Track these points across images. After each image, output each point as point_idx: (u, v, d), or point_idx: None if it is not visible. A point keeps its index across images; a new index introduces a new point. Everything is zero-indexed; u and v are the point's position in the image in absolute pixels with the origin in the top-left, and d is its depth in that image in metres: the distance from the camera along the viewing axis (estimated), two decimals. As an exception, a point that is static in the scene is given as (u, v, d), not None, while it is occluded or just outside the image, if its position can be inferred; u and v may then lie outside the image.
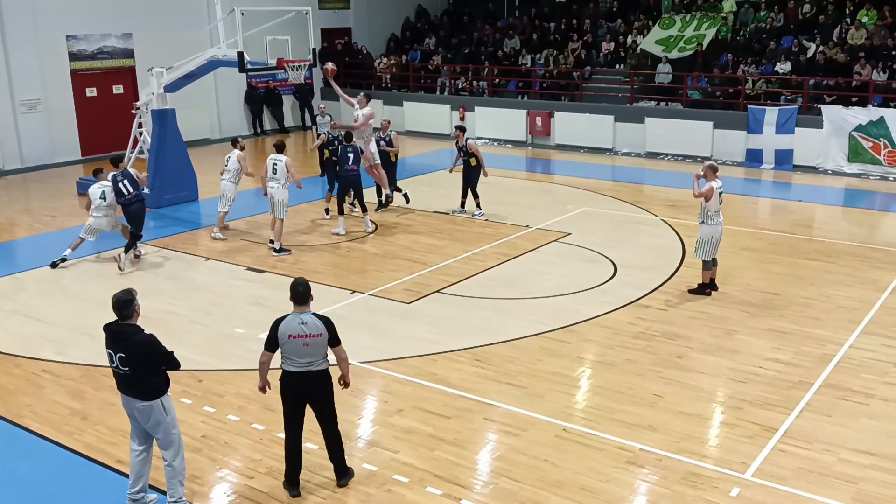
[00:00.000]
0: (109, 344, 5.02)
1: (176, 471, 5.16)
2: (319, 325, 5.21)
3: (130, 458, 5.22)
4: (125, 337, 4.96)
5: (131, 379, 4.99)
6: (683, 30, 18.98)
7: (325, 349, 5.27)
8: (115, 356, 4.97)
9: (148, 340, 4.98)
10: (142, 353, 4.95)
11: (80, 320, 8.64)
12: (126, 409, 5.15)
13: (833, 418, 6.35)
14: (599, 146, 18.47)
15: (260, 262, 10.50)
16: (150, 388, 5.02)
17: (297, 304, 5.27)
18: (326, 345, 5.25)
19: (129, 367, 4.94)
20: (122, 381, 5.05)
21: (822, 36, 17.49)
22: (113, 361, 5.00)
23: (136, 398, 5.02)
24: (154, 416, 5.04)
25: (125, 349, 4.93)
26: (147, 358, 4.97)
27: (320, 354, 5.25)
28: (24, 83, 16.73)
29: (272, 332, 5.26)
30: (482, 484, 5.57)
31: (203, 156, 17.54)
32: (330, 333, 5.23)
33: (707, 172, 8.89)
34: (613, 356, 7.54)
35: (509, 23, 22.95)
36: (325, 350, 5.27)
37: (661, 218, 12.55)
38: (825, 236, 11.59)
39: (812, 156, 16.09)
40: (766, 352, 7.59)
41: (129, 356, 4.93)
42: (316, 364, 5.24)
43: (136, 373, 4.96)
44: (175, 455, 5.16)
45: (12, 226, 12.91)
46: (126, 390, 5.05)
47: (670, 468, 5.69)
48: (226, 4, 13.47)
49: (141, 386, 4.99)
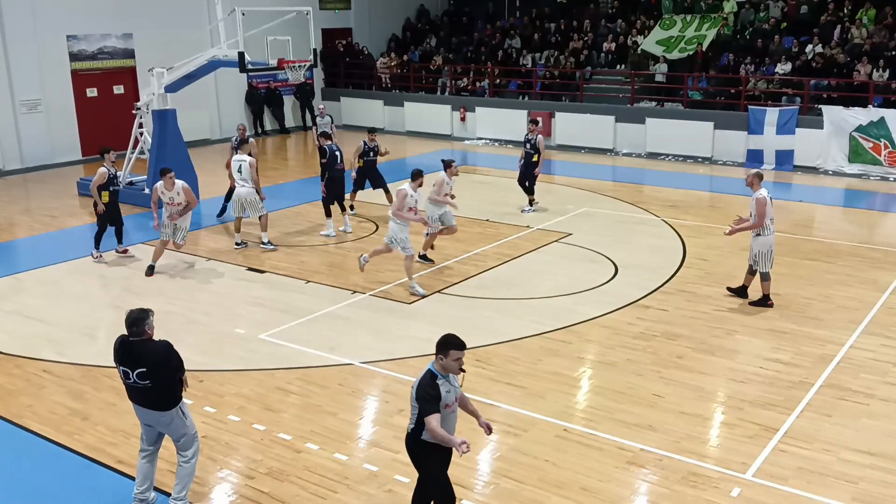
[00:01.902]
0: (125, 361, 4.91)
1: (190, 470, 5.17)
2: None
3: (139, 459, 5.21)
4: (142, 351, 4.88)
5: (152, 392, 4.92)
6: (684, 30, 18.99)
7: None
8: (133, 373, 4.87)
9: (166, 347, 4.94)
10: (162, 361, 4.88)
11: (80, 320, 8.64)
12: (142, 418, 5.12)
13: (833, 418, 6.35)
14: (600, 146, 18.47)
15: (260, 263, 10.50)
16: (170, 397, 4.99)
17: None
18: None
19: (149, 380, 4.88)
20: (140, 395, 4.98)
21: (823, 36, 17.50)
22: (130, 378, 4.91)
23: (157, 409, 4.99)
24: (174, 423, 5.04)
25: (145, 363, 4.85)
26: (168, 365, 4.91)
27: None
28: (24, 83, 16.73)
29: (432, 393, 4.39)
30: (483, 484, 5.57)
31: (203, 156, 17.52)
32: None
33: (753, 181, 8.44)
34: (614, 356, 7.54)
35: (510, 23, 22.97)
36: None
37: (662, 218, 12.55)
38: (825, 236, 11.59)
39: (812, 156, 16.09)
40: (767, 352, 7.59)
41: (150, 370, 4.85)
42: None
43: (157, 384, 4.90)
44: (193, 455, 5.18)
45: (12, 226, 12.91)
46: (146, 404, 5.00)
47: (671, 468, 5.69)
48: (226, 5, 13.48)
49: (161, 396, 4.96)
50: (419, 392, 4.37)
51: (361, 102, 22.08)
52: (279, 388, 6.98)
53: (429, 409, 4.29)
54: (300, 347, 7.83)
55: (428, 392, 4.33)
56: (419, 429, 4.39)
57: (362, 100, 22.09)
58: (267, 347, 7.86)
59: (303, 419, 6.45)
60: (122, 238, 10.95)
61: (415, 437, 4.46)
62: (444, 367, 4.41)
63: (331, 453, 5.93)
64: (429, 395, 4.32)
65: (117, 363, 4.96)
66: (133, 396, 5.06)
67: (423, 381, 4.40)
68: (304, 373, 7.29)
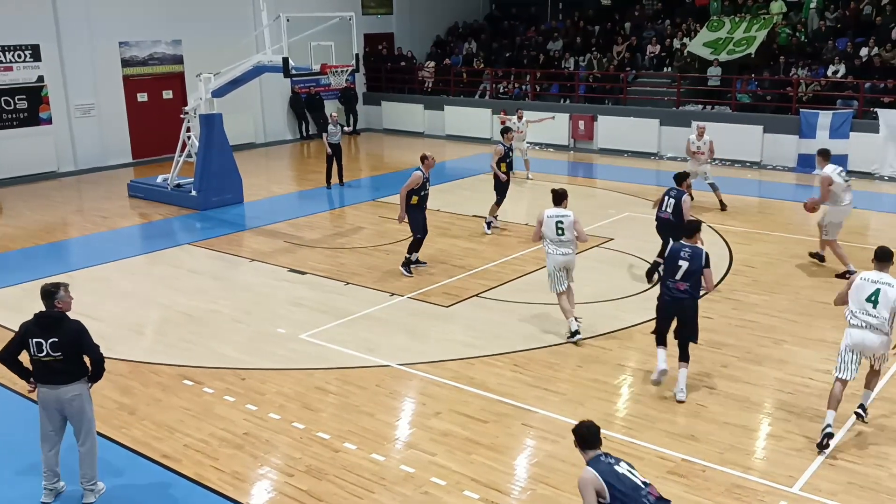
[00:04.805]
0: (39, 332, 5.14)
1: (91, 453, 5.38)
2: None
3: (43, 452, 5.38)
4: (56, 322, 5.15)
5: (61, 364, 5.15)
6: (733, 31, 18.54)
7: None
8: (46, 343, 5.11)
9: (79, 325, 5.22)
10: (75, 336, 5.15)
11: (128, 317, 8.89)
12: (48, 402, 5.26)
13: (885, 433, 6.09)
14: (644, 150, 18.18)
15: (301, 264, 10.64)
16: (78, 371, 5.22)
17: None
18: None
19: (61, 352, 5.12)
20: (50, 370, 5.18)
21: (878, 37, 16.89)
22: (42, 350, 5.13)
23: (66, 384, 5.18)
24: (81, 401, 5.24)
25: (56, 333, 5.11)
26: (79, 340, 5.17)
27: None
28: (78, 88, 17.33)
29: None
30: (519, 490, 5.51)
31: (248, 159, 17.89)
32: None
33: (818, 161, 9.67)
34: (655, 364, 7.38)
35: (552, 25, 22.82)
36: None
37: (708, 224, 12.26)
38: (881, 244, 11.13)
39: (868, 161, 15.52)
40: (816, 363, 7.34)
41: (61, 339, 5.11)
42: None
43: (67, 356, 5.14)
44: (92, 443, 5.38)
45: (66, 225, 13.38)
46: (55, 379, 5.19)
47: (713, 479, 5.54)
48: (271, 11, 13.73)
49: (70, 369, 5.18)
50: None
51: (402, 107, 22.22)
52: (318, 388, 7.05)
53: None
54: (339, 348, 7.90)
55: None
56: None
57: (403, 104, 22.24)
58: (307, 347, 7.95)
59: (341, 419, 6.49)
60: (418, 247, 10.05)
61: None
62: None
63: (368, 453, 5.95)
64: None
65: (31, 337, 5.16)
66: (42, 375, 5.22)
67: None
68: (343, 373, 7.35)
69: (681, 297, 6.63)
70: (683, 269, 6.57)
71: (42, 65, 16.85)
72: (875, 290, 5.89)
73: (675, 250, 6.75)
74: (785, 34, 18.33)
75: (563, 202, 7.91)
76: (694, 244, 6.71)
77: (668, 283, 6.72)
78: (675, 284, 6.66)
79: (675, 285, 6.65)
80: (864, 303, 5.91)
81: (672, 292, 6.66)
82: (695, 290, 6.65)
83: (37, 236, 12.49)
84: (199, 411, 6.68)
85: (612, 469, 4.03)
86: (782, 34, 18.33)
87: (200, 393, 7.02)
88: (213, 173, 13.87)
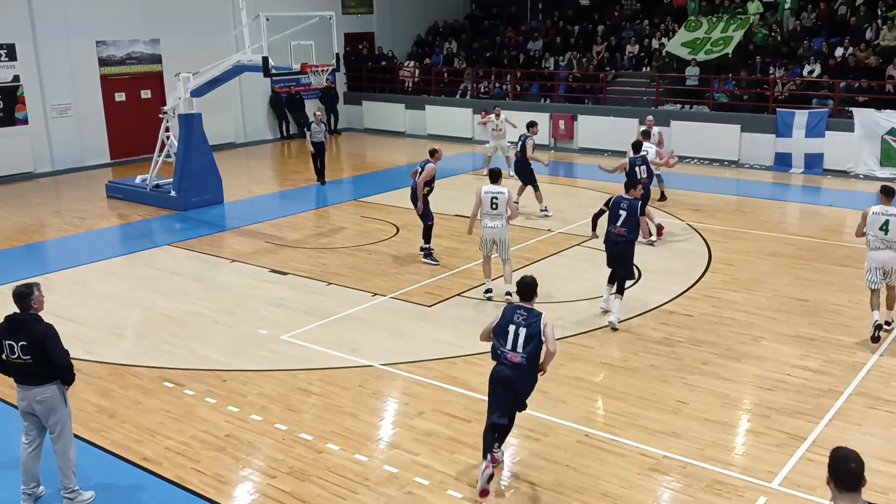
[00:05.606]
0: (9, 335, 5.09)
1: (66, 456, 5.32)
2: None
3: (22, 456, 5.33)
4: (26, 326, 5.08)
5: (32, 368, 5.10)
6: (710, 32, 18.75)
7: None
8: (17, 345, 5.06)
9: (49, 329, 5.13)
10: (41, 340, 5.07)
11: (107, 320, 8.78)
12: (24, 403, 5.23)
13: (863, 427, 6.21)
14: (623, 150, 18.26)
15: (283, 265, 10.58)
16: (49, 373, 5.15)
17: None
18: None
19: (30, 356, 5.07)
20: (22, 371, 5.15)
21: (853, 37, 17.18)
22: (14, 352, 5.09)
23: (38, 385, 5.14)
24: (53, 402, 5.18)
25: (26, 337, 5.05)
26: (48, 345, 5.09)
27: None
28: (55, 88, 17.08)
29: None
30: (503, 488, 5.53)
31: (228, 159, 17.75)
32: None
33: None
34: (637, 362, 7.46)
35: (532, 25, 22.90)
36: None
37: (687, 222, 12.40)
38: (856, 242, 11.32)
39: (843, 160, 15.77)
40: (795, 359, 7.45)
41: (30, 344, 5.05)
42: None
43: (36, 360, 5.08)
44: (69, 445, 5.32)
45: (43, 227, 13.17)
46: (28, 380, 5.16)
47: (694, 476, 5.60)
48: (251, 10, 13.63)
49: (40, 371, 5.12)
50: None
51: (383, 106, 22.18)
52: (301, 389, 7.03)
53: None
54: (321, 349, 7.87)
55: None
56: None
57: (384, 103, 22.20)
58: (289, 348, 7.91)
59: (324, 420, 6.47)
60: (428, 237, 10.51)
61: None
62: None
63: (351, 454, 5.94)
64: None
65: (3, 339, 5.12)
66: (18, 377, 5.20)
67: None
68: (325, 374, 7.33)
69: (618, 240, 8.12)
70: (622, 217, 8.09)
71: (18, 64, 16.58)
72: (885, 220, 7.51)
73: (616, 201, 8.20)
74: (761, 34, 18.57)
75: (498, 180, 8.92)
76: (631, 197, 8.17)
77: (610, 229, 8.21)
78: (615, 230, 8.13)
79: (616, 231, 8.12)
80: (878, 230, 7.56)
81: (612, 237, 8.19)
82: (631, 234, 8.10)
83: (13, 238, 12.29)
84: (180, 414, 6.62)
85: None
86: (759, 34, 18.56)
87: (181, 395, 6.96)
88: (193, 173, 13.75)
